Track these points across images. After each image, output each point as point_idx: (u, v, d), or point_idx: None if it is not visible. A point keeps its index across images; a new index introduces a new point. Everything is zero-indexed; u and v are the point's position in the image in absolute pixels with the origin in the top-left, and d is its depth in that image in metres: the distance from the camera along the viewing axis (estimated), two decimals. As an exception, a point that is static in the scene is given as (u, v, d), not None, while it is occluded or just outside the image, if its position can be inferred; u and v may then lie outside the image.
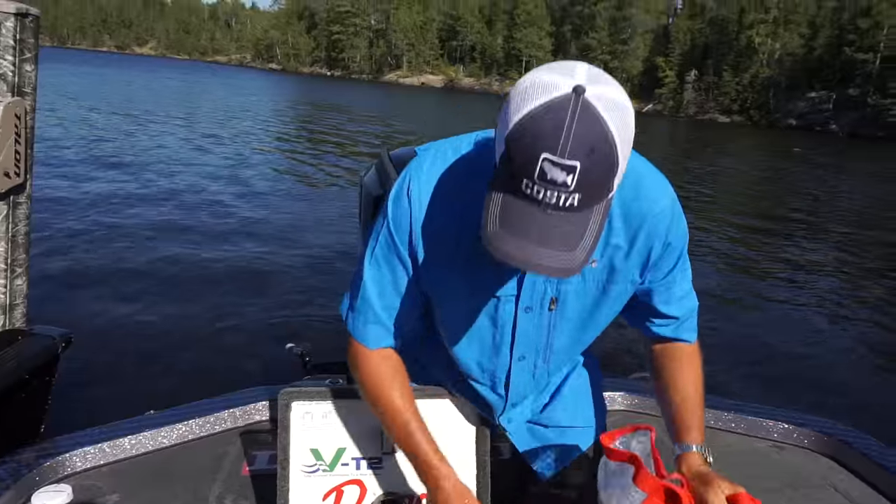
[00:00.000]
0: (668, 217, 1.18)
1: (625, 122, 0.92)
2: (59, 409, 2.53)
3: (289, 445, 1.50)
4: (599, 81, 0.92)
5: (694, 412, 1.28)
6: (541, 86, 0.91)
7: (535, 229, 0.92)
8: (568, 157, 0.87)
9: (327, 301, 5.61)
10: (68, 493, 1.77)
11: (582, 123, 0.87)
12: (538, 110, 0.89)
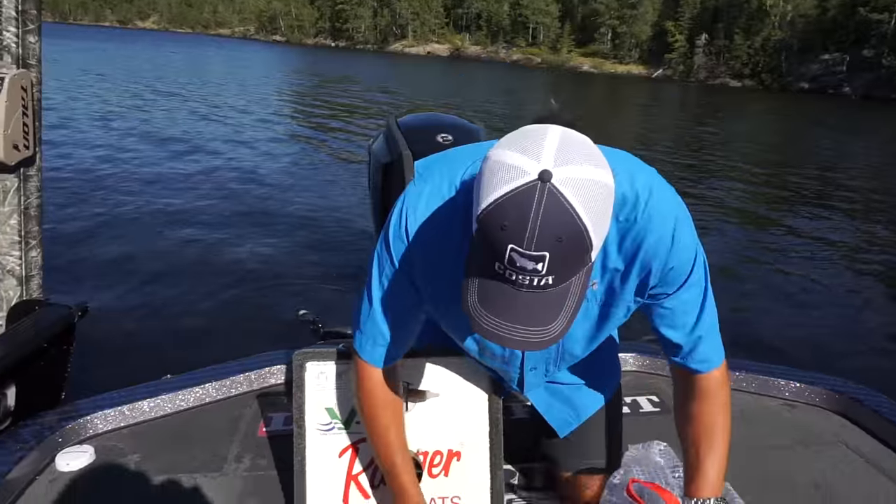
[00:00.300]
0: (667, 241, 1.12)
1: (599, 199, 0.88)
2: (78, 376, 2.58)
3: (304, 405, 1.52)
4: (569, 159, 0.87)
5: (698, 460, 1.25)
6: (506, 170, 0.88)
7: (511, 309, 0.92)
8: (535, 249, 0.86)
9: (339, 268, 5.63)
10: (91, 454, 1.81)
11: (548, 214, 0.85)
12: (503, 199, 0.86)
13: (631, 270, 1.16)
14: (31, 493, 1.68)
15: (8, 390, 2.12)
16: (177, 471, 1.76)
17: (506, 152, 0.90)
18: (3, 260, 2.71)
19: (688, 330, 1.21)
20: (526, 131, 0.94)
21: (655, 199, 1.11)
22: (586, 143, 0.94)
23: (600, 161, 0.92)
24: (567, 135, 0.92)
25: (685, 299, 1.19)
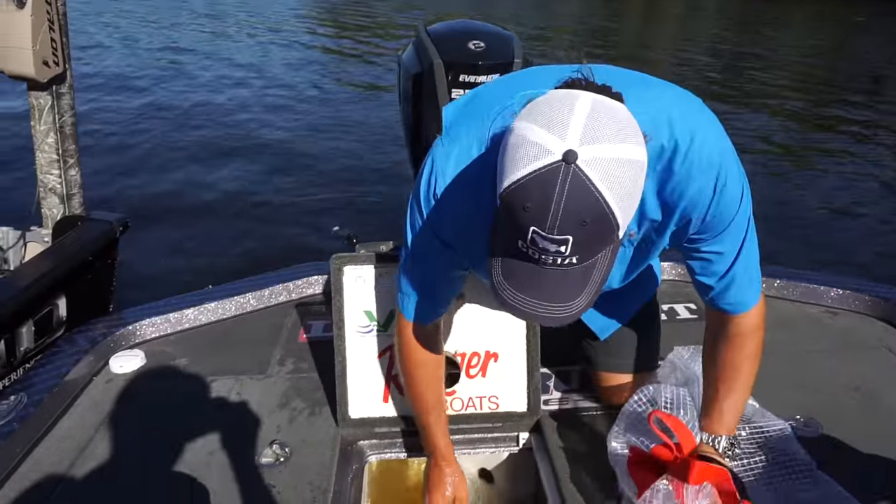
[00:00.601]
0: (708, 192, 1.07)
1: (627, 179, 0.84)
2: (123, 289, 2.67)
3: (343, 307, 1.55)
4: (597, 137, 0.82)
5: (715, 399, 1.27)
6: (530, 147, 0.83)
7: (534, 285, 0.90)
8: (558, 233, 0.82)
9: (373, 183, 5.63)
10: (141, 357, 1.89)
11: (572, 197, 0.80)
12: (526, 179, 0.82)
13: (669, 221, 1.12)
14: (89, 392, 1.76)
15: (59, 301, 2.20)
16: (223, 373, 1.83)
17: (531, 126, 0.84)
18: (44, 178, 2.76)
19: (721, 274, 1.18)
20: (553, 100, 0.87)
21: (697, 147, 1.03)
22: (617, 113, 0.87)
23: (632, 134, 0.86)
24: (597, 106, 0.85)
25: (723, 245, 1.15)
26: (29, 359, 2.10)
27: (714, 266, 1.17)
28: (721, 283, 1.18)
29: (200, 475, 1.47)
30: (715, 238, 1.13)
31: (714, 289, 1.20)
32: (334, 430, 1.60)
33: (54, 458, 1.53)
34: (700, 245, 1.15)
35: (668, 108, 1.05)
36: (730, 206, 1.09)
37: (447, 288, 1.32)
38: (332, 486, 1.43)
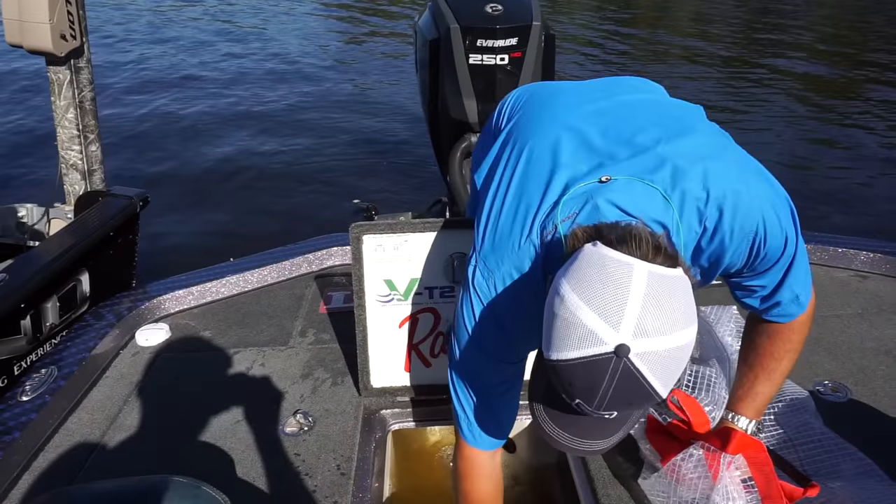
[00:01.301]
0: (746, 250, 1.05)
1: (676, 366, 0.84)
2: (145, 264, 2.70)
3: (363, 277, 1.54)
4: (650, 329, 0.80)
5: (750, 383, 1.23)
6: (581, 332, 0.82)
7: (573, 425, 0.93)
8: (603, 410, 0.84)
9: (390, 154, 5.57)
10: (166, 330, 1.91)
11: (620, 386, 0.81)
12: (575, 363, 0.82)
13: (707, 280, 1.11)
14: (117, 365, 1.79)
15: (82, 276, 2.23)
16: (245, 345, 1.85)
17: (583, 308, 0.82)
18: (65, 154, 2.78)
19: (764, 298, 1.15)
20: (607, 276, 0.83)
21: (731, 210, 1.01)
22: (672, 294, 0.83)
23: (683, 318, 0.83)
24: (652, 288, 0.82)
25: (765, 280, 1.11)
26: (55, 334, 2.14)
27: (756, 294, 1.15)
28: (764, 304, 1.15)
29: (226, 444, 1.49)
30: (754, 277, 1.11)
31: (757, 309, 1.17)
32: (357, 400, 1.61)
33: (86, 428, 1.56)
34: (741, 280, 1.13)
35: (705, 158, 1.02)
36: (771, 255, 1.06)
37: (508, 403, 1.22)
38: (356, 453, 1.45)
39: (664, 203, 1.00)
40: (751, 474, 1.17)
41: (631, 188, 1.00)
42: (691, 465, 1.16)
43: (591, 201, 1.00)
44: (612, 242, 0.87)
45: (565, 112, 1.14)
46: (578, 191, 1.02)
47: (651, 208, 1.00)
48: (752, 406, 1.23)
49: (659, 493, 1.23)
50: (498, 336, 1.12)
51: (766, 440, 1.32)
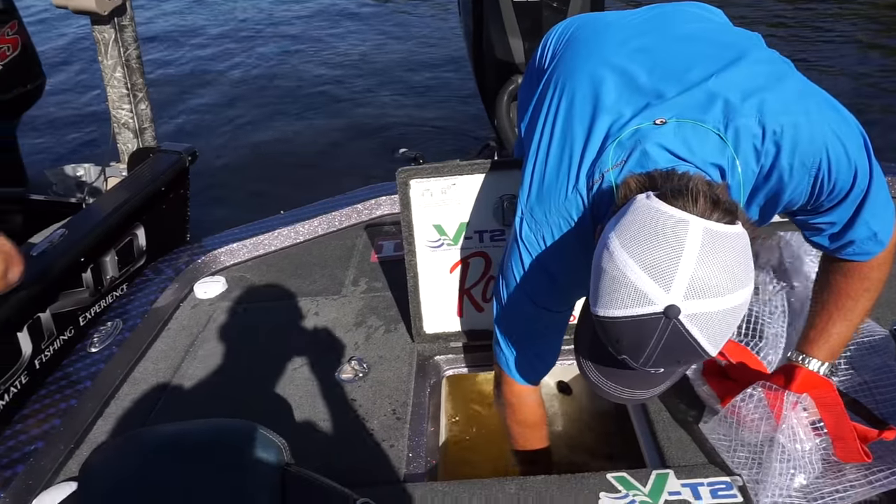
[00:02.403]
0: (808, 186, 0.97)
1: (727, 326, 0.81)
2: (199, 218, 2.76)
3: (412, 222, 1.52)
4: (703, 290, 0.77)
5: (823, 324, 1.14)
6: (630, 291, 0.79)
7: (618, 376, 0.91)
8: (651, 367, 0.83)
9: (435, 103, 5.48)
10: (223, 283, 1.95)
11: (668, 346, 0.79)
12: (623, 320, 0.80)
13: (770, 212, 1.04)
14: (177, 317, 1.85)
15: (137, 231, 2.29)
16: (300, 295, 1.87)
17: (632, 267, 0.79)
18: (116, 114, 2.83)
19: (835, 237, 1.06)
20: (660, 232, 0.79)
21: (789, 144, 0.93)
22: (728, 253, 0.78)
23: (740, 276, 0.79)
24: (707, 246, 0.77)
25: (834, 217, 1.03)
26: (115, 287, 2.22)
27: (826, 232, 1.06)
28: (835, 243, 1.07)
29: (284, 390, 1.52)
30: (821, 214, 1.03)
31: (828, 248, 1.09)
32: (410, 346, 1.62)
33: (151, 377, 1.62)
34: (807, 218, 1.06)
35: (762, 88, 0.94)
36: (838, 190, 0.98)
37: (550, 348, 1.23)
38: (411, 398, 1.46)
39: (719, 143, 0.94)
40: (819, 416, 1.12)
41: (682, 130, 0.94)
42: (752, 405, 1.12)
43: (640, 146, 0.95)
44: (666, 195, 0.82)
45: (610, 49, 1.08)
46: (626, 136, 0.97)
47: (705, 151, 0.94)
48: (824, 348, 1.14)
49: (720, 435, 1.20)
50: (547, 287, 1.09)
51: (838, 383, 1.26)
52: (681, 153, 0.94)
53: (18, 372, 1.93)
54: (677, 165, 0.92)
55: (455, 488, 1.19)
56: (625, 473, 1.18)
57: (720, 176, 0.95)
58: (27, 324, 1.94)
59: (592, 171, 0.99)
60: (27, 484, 1.33)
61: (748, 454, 1.15)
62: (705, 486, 1.14)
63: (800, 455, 1.11)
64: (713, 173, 0.94)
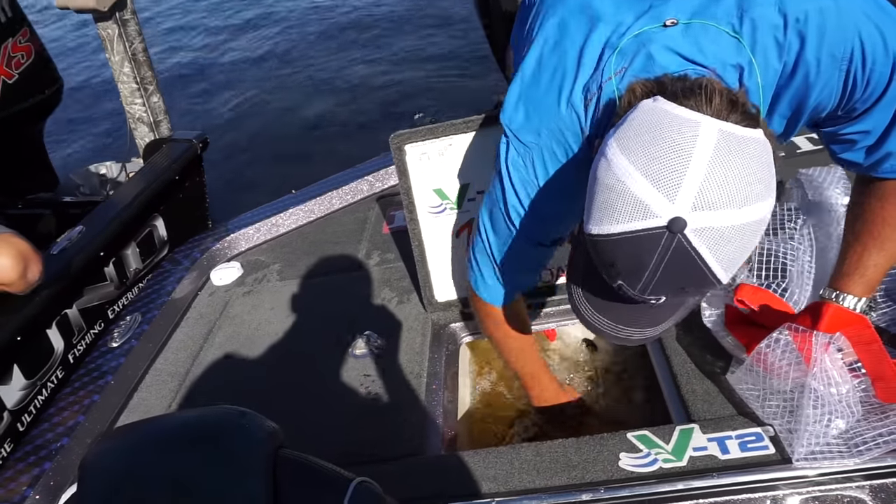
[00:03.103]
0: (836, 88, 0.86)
1: (742, 245, 0.69)
2: (216, 204, 2.76)
3: (411, 189, 1.46)
4: (713, 201, 0.66)
5: (857, 255, 1.02)
6: (630, 203, 0.68)
7: (615, 310, 0.81)
8: (648, 295, 0.72)
9: (450, 67, 5.35)
10: (238, 268, 1.94)
11: (671, 267, 0.68)
12: (620, 238, 0.69)
13: (794, 129, 0.92)
14: (195, 305, 1.85)
15: (156, 221, 2.31)
16: (313, 274, 1.84)
17: (633, 174, 0.69)
18: (130, 109, 2.84)
19: (869, 150, 0.93)
20: (667, 134, 0.69)
21: (815, 34, 0.81)
22: (745, 158, 0.68)
23: (760, 189, 0.68)
24: (721, 151, 0.67)
25: (868, 123, 0.90)
26: (140, 279, 2.25)
27: (859, 144, 0.93)
28: (872, 157, 0.94)
29: (300, 370, 1.50)
30: (854, 121, 0.90)
31: (862, 165, 0.96)
32: (424, 316, 1.57)
33: (171, 367, 1.63)
34: (837, 129, 0.93)
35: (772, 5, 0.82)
36: (874, 86, 0.85)
37: (527, 274, 1.18)
38: (425, 369, 1.41)
39: (734, 42, 0.82)
40: (856, 356, 1.02)
41: (690, 31, 0.83)
42: (779, 350, 1.03)
43: (644, 50, 0.84)
44: (676, 95, 0.72)
45: None
46: (627, 42, 0.85)
47: (718, 51, 0.83)
48: (860, 282, 1.02)
49: (748, 385, 1.11)
50: (535, 217, 1.01)
51: (875, 318, 1.16)
52: (691, 56, 0.83)
53: (54, 367, 1.98)
54: (688, 70, 0.81)
55: (470, 458, 1.15)
56: (646, 431, 1.11)
57: (738, 79, 0.84)
58: (55, 320, 1.99)
59: (589, 85, 0.89)
60: (55, 480, 1.36)
61: (779, 403, 1.07)
62: (733, 439, 1.06)
63: (836, 400, 1.01)
64: (730, 76, 0.83)
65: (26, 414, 1.85)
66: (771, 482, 0.99)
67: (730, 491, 1.00)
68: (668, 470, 1.03)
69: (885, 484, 0.98)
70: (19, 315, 1.83)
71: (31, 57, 2.82)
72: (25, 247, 1.66)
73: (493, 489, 1.08)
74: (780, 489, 0.99)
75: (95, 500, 0.82)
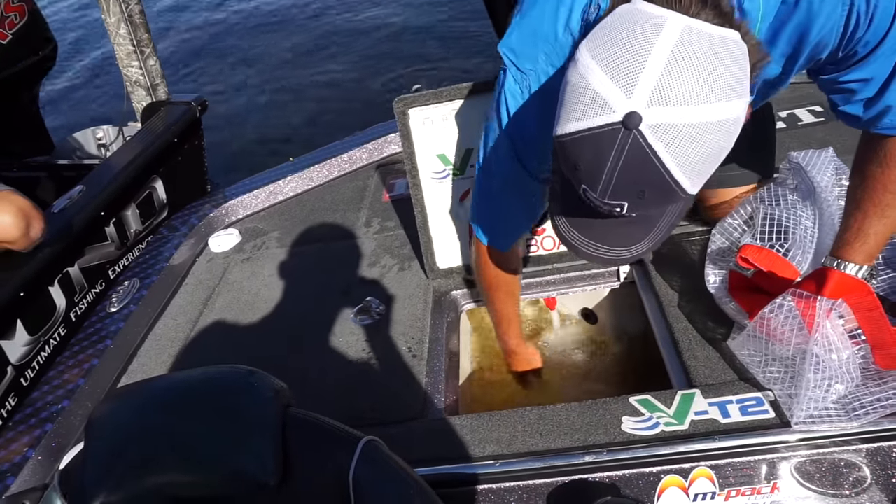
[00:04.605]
0: (837, 28, 0.84)
1: (706, 146, 0.68)
2: (215, 168, 2.73)
3: (414, 153, 1.45)
4: (671, 96, 0.65)
5: (858, 223, 1.02)
6: (588, 98, 0.69)
7: (591, 228, 0.81)
8: (610, 198, 0.72)
9: (449, 40, 5.29)
10: (236, 235, 1.93)
11: (628, 166, 0.68)
12: (579, 135, 0.70)
13: (791, 71, 0.91)
14: (194, 271, 1.84)
15: (156, 183, 2.29)
16: (313, 241, 1.84)
17: (594, 70, 0.69)
18: (126, 72, 2.79)
19: (869, 101, 0.91)
20: (630, 28, 0.68)
21: None
22: (712, 53, 0.66)
23: (724, 86, 0.67)
24: (685, 43, 0.66)
25: (868, 71, 0.88)
26: (140, 240, 2.25)
27: (859, 95, 0.92)
28: (871, 110, 0.93)
29: (301, 336, 1.50)
30: (854, 67, 0.89)
31: (862, 119, 0.95)
32: (425, 283, 1.57)
33: (171, 332, 1.62)
34: (837, 75, 0.92)
35: None
36: (876, 27, 0.83)
37: (524, 212, 1.17)
38: (427, 335, 1.42)
39: None
40: (857, 323, 1.03)
41: None
42: (781, 316, 1.03)
43: None
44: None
45: None
46: None
47: None
48: (862, 250, 1.02)
49: (750, 351, 1.12)
50: (529, 143, 1.01)
51: (877, 286, 1.16)
52: None
53: (56, 324, 1.99)
54: None
55: (473, 421, 1.16)
56: (648, 396, 1.12)
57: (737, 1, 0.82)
58: (57, 278, 1.99)
59: (587, 9, 0.88)
60: (56, 441, 1.36)
61: (780, 368, 1.08)
62: (734, 403, 1.07)
63: (836, 365, 1.03)
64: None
65: (29, 370, 1.86)
66: (770, 445, 1.01)
67: (730, 454, 1.01)
68: (669, 433, 1.05)
69: (881, 447, 1.00)
70: (22, 271, 1.83)
71: (24, 17, 2.76)
72: (27, 204, 1.65)
73: (497, 451, 1.09)
74: (780, 451, 1.01)
75: (103, 458, 0.83)
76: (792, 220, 1.18)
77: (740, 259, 1.14)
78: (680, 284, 1.35)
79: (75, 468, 0.85)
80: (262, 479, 0.78)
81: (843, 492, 0.99)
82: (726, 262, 1.24)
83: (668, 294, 1.34)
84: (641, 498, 1.01)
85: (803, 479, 1.00)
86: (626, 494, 1.02)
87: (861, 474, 0.99)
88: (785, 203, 1.23)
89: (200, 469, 0.80)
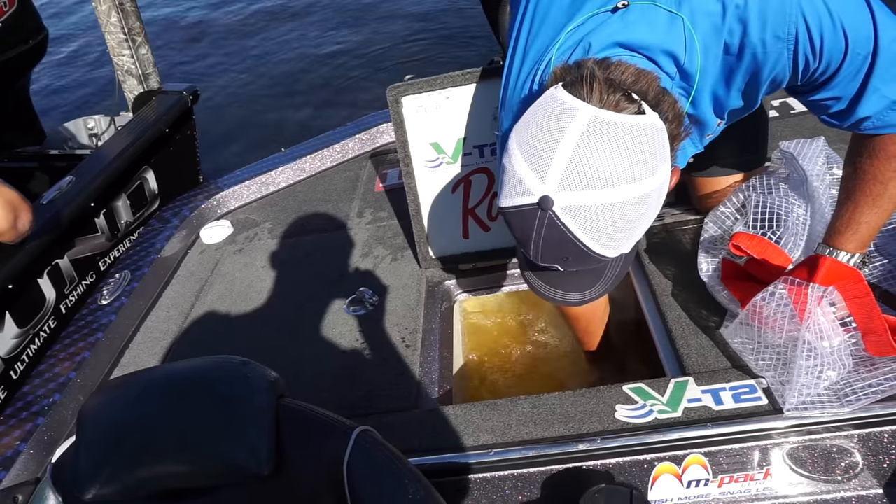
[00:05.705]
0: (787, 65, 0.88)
1: (612, 224, 0.75)
2: (208, 158, 2.71)
3: (407, 142, 1.44)
4: (578, 181, 0.73)
5: (850, 213, 1.03)
6: (514, 180, 0.78)
7: (545, 275, 0.90)
8: (542, 262, 0.81)
9: (442, 30, 5.28)
10: (228, 226, 1.92)
11: (549, 239, 0.77)
12: (508, 212, 0.79)
13: (755, 93, 0.94)
14: (186, 264, 1.83)
15: (147, 174, 2.28)
16: (305, 232, 1.83)
17: (517, 156, 0.77)
18: (118, 61, 2.77)
19: (845, 112, 0.94)
20: (544, 120, 0.76)
21: (756, 18, 0.84)
22: (617, 141, 0.73)
23: (627, 172, 0.73)
24: (590, 135, 0.73)
25: (835, 91, 0.91)
26: (131, 231, 2.23)
27: (833, 109, 0.94)
28: (847, 121, 0.95)
29: (293, 327, 1.50)
30: (820, 89, 0.92)
31: (842, 126, 0.97)
32: (418, 273, 1.57)
33: (163, 325, 1.61)
34: (806, 96, 0.95)
35: None
36: (829, 60, 0.87)
37: None
38: (420, 325, 1.42)
39: (672, 26, 0.85)
40: (848, 311, 1.04)
41: (628, 15, 0.87)
42: (773, 304, 1.04)
43: (585, 40, 0.88)
44: (567, 84, 0.79)
45: None
46: (577, 30, 0.90)
47: (655, 36, 0.86)
48: (853, 239, 1.04)
49: (742, 339, 1.12)
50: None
51: (868, 274, 1.17)
52: (627, 40, 0.87)
53: (46, 316, 1.98)
54: (618, 55, 0.85)
55: (467, 410, 1.16)
56: (641, 384, 1.12)
57: (674, 64, 0.87)
58: (46, 270, 1.97)
59: (546, 70, 0.93)
60: (48, 435, 1.35)
61: (772, 356, 1.08)
62: (727, 390, 1.08)
63: (828, 352, 1.03)
64: (664, 61, 0.87)
65: (19, 363, 1.85)
66: (763, 431, 1.01)
67: (723, 441, 1.02)
68: (663, 420, 1.05)
69: (872, 433, 1.00)
70: (10, 263, 1.82)
71: (13, 5, 2.73)
72: (14, 196, 1.62)
73: (491, 440, 1.09)
74: (772, 438, 1.01)
75: (96, 451, 0.82)
76: (784, 207, 1.18)
77: (732, 246, 1.15)
78: (673, 273, 1.36)
79: (68, 461, 0.85)
80: (256, 470, 0.77)
81: (835, 477, 0.99)
82: (719, 251, 1.25)
83: (662, 283, 1.34)
84: (635, 485, 1.01)
85: (796, 466, 1.00)
86: (620, 482, 1.02)
87: (853, 460, 1.00)
88: (777, 191, 1.24)
89: (193, 460, 0.80)
